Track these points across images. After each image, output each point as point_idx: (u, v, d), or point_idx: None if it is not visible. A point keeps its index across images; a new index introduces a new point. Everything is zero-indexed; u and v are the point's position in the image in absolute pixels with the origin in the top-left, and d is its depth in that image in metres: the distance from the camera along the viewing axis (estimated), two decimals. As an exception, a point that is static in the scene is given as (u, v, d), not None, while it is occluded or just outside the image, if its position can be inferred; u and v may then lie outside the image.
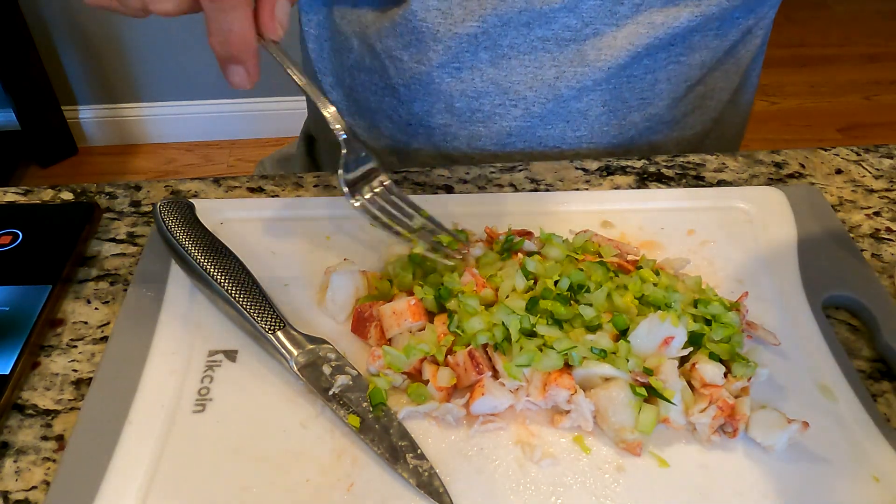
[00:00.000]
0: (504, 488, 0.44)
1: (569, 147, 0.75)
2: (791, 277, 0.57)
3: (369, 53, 0.74)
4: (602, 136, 0.75)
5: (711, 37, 0.72)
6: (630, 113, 0.74)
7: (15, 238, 0.59)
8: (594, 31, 0.68)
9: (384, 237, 0.58)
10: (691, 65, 0.73)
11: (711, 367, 0.47)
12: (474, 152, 0.76)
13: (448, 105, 0.73)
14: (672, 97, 0.74)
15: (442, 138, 0.75)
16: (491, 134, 0.74)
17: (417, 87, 0.73)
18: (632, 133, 0.75)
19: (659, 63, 0.71)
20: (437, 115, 0.74)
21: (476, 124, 0.74)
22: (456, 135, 0.75)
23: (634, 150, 0.77)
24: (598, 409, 0.46)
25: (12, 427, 0.48)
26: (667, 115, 0.75)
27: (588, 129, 0.74)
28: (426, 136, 0.76)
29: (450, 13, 0.67)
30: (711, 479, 0.44)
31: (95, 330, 0.54)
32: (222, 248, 0.54)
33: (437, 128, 0.75)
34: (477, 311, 0.49)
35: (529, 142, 0.75)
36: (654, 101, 0.74)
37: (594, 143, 0.75)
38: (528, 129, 0.74)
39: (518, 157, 0.76)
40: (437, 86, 0.72)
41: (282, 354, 0.49)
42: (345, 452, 0.45)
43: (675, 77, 0.73)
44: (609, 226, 0.62)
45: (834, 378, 0.50)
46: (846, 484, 0.44)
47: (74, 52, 2.16)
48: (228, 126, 2.35)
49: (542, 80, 0.71)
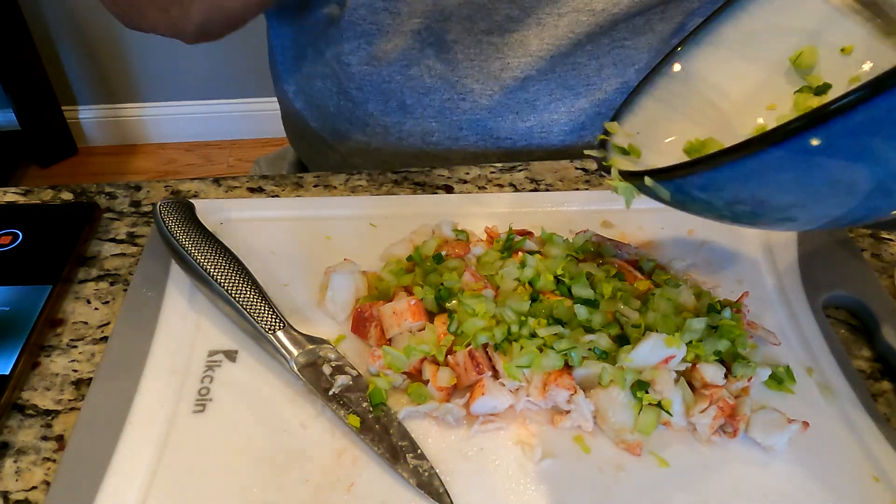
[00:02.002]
0: (504, 488, 0.44)
1: (521, 138, 0.76)
2: (791, 277, 0.57)
3: (321, 61, 0.75)
4: (552, 125, 0.75)
5: (656, 20, 0.72)
6: (577, 99, 0.74)
7: (15, 238, 0.59)
8: (536, 20, 0.69)
9: (384, 237, 0.58)
10: (637, 48, 0.73)
11: (712, 367, 0.47)
12: (429, 147, 0.77)
13: (400, 103, 0.74)
14: (620, 81, 0.74)
15: (397, 136, 0.77)
16: (443, 128, 0.75)
17: (369, 88, 0.74)
18: (582, 119, 0.76)
19: (602, 48, 0.72)
20: (390, 113, 0.75)
21: (428, 120, 0.75)
22: (410, 131, 0.76)
23: (588, 137, 0.77)
24: (598, 409, 0.46)
25: (12, 427, 0.48)
26: (617, 100, 0.75)
27: (537, 118, 0.75)
28: (383, 135, 0.77)
29: (396, 12, 0.68)
30: (711, 479, 0.44)
31: (95, 330, 0.54)
32: (222, 248, 0.54)
33: (391, 126, 0.76)
34: (477, 311, 0.49)
35: (481, 134, 0.76)
36: (601, 86, 0.74)
37: (545, 133, 0.76)
38: (478, 121, 0.75)
39: (472, 150, 0.77)
40: (387, 85, 0.73)
41: (282, 354, 0.49)
42: (345, 452, 0.45)
43: (620, 62, 0.73)
44: (609, 226, 0.62)
45: (834, 378, 0.50)
46: (846, 484, 0.44)
47: (74, 52, 2.16)
48: (228, 126, 2.35)
49: (487, 72, 0.72)
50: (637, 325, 0.49)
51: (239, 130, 2.36)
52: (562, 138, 0.76)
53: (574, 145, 0.77)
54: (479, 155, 0.77)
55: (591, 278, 0.52)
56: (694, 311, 0.51)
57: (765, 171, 0.32)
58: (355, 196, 0.65)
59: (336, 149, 0.81)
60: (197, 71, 2.21)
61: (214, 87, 2.26)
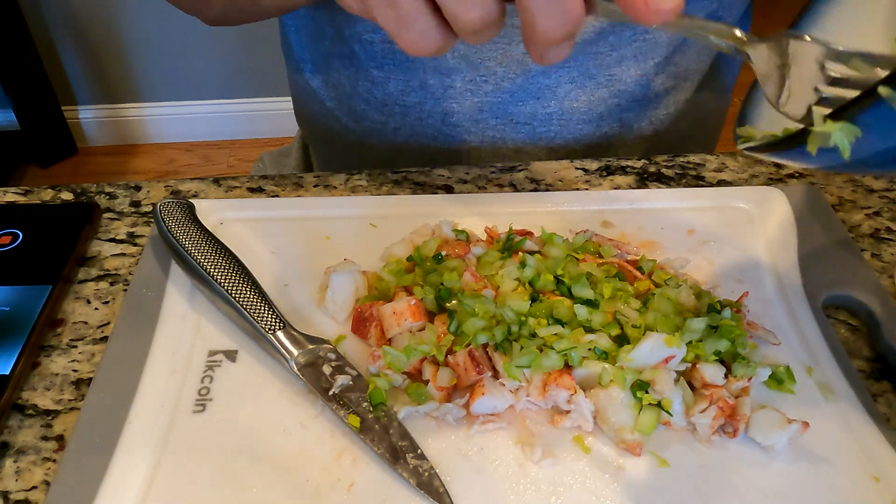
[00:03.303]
0: (504, 488, 0.44)
1: (540, 123, 0.76)
2: (791, 277, 0.57)
3: (339, 40, 0.75)
4: (572, 113, 0.76)
5: None
6: (598, 89, 0.75)
7: (15, 238, 0.59)
8: None
9: (384, 237, 0.58)
10: (657, 42, 0.73)
11: (712, 367, 0.47)
12: (448, 129, 0.77)
13: (422, 82, 0.74)
14: (639, 74, 0.75)
15: (417, 115, 0.77)
16: (463, 110, 0.75)
17: (391, 67, 0.74)
18: (601, 109, 0.76)
19: (624, 40, 0.72)
20: (411, 93, 0.75)
21: (449, 101, 0.75)
22: (431, 112, 0.76)
23: (606, 128, 0.78)
24: (598, 409, 0.46)
25: (12, 427, 0.48)
26: (637, 92, 0.76)
27: (558, 105, 0.75)
28: (402, 115, 0.77)
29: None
30: (711, 479, 0.44)
31: (95, 330, 0.54)
32: (222, 248, 0.54)
33: (411, 106, 0.76)
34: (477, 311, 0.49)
35: (501, 118, 0.76)
36: (621, 77, 0.75)
37: (565, 120, 0.76)
38: (499, 104, 0.75)
39: (490, 134, 0.77)
40: (410, 63, 0.73)
41: (282, 354, 0.49)
42: (345, 452, 0.45)
43: (641, 54, 0.74)
44: (609, 226, 0.62)
45: (834, 378, 0.50)
46: (846, 484, 0.44)
47: (74, 52, 2.16)
48: (228, 126, 2.35)
49: (511, 56, 0.72)
50: (637, 325, 0.49)
51: (239, 130, 2.36)
52: (580, 127, 0.77)
53: (590, 136, 0.78)
54: (497, 140, 0.77)
55: (591, 278, 0.52)
56: (694, 311, 0.51)
57: None
58: (355, 196, 0.65)
59: (351, 129, 0.82)
60: (197, 71, 2.21)
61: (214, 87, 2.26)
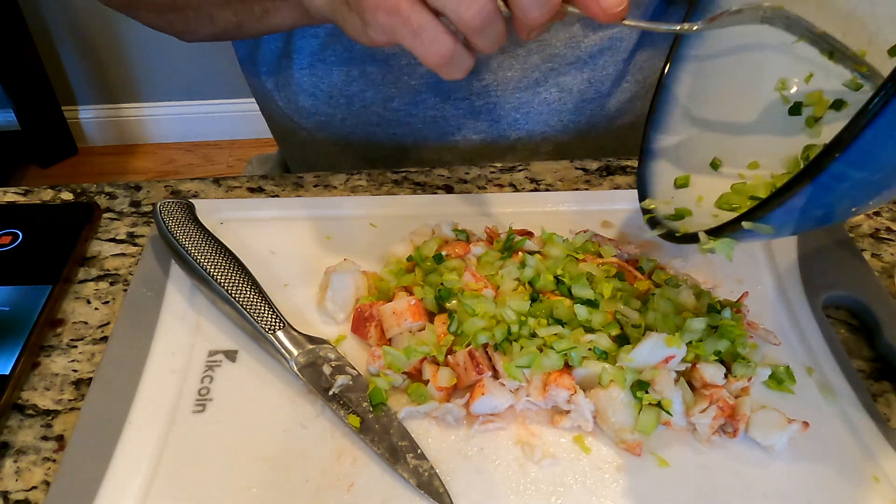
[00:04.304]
0: (504, 488, 0.44)
1: (477, 97, 0.76)
2: (791, 277, 0.57)
3: (284, 38, 0.76)
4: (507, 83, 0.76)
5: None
6: (529, 56, 0.75)
7: (15, 238, 0.59)
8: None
9: (384, 237, 0.58)
10: None
11: (712, 368, 0.47)
12: (389, 114, 0.77)
13: (362, 71, 0.74)
14: (567, 36, 0.75)
15: (361, 105, 0.77)
16: (401, 94, 0.75)
17: (333, 59, 0.74)
18: (536, 76, 0.76)
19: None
20: (352, 83, 0.76)
21: (388, 86, 0.75)
22: (372, 99, 0.77)
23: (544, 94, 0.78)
24: (598, 409, 0.46)
25: (12, 427, 0.48)
26: (567, 55, 0.76)
27: (492, 77, 0.75)
28: (346, 106, 0.78)
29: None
30: (711, 479, 0.44)
31: (95, 330, 0.54)
32: (222, 248, 0.54)
33: (354, 95, 0.77)
34: (477, 311, 0.49)
35: (441, 95, 0.76)
36: (550, 41, 0.75)
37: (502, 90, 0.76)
38: (436, 84, 0.75)
39: (431, 114, 0.77)
40: (350, 54, 0.73)
41: (282, 354, 0.49)
42: (345, 452, 0.45)
43: (568, 18, 0.73)
44: (609, 226, 0.62)
45: (834, 378, 0.50)
46: (846, 484, 0.44)
47: (74, 52, 2.16)
48: (228, 126, 2.35)
49: None
50: (637, 325, 0.49)
51: (239, 130, 2.36)
52: (518, 95, 0.77)
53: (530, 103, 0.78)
54: (439, 118, 0.77)
55: (591, 278, 0.52)
56: (694, 311, 0.51)
57: (873, 146, 0.32)
58: (355, 196, 0.65)
59: (301, 125, 0.82)
60: (197, 71, 2.21)
61: (215, 87, 2.26)
